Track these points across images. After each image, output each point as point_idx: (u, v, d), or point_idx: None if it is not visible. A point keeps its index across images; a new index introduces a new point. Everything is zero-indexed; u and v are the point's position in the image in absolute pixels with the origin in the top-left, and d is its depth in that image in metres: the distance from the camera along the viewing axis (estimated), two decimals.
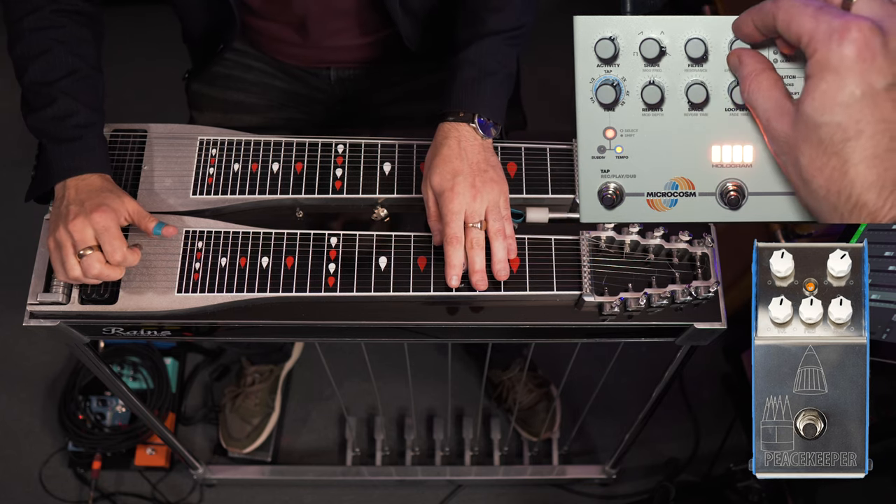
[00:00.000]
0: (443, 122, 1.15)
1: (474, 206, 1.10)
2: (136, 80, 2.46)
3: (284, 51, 1.42)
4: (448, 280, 1.12)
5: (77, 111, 1.15)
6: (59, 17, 1.19)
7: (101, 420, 2.05)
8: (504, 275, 1.13)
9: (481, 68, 1.17)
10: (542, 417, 2.02)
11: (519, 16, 1.20)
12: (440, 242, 1.13)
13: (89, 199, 1.10)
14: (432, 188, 1.12)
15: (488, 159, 1.14)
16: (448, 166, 1.11)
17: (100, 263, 1.08)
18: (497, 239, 1.11)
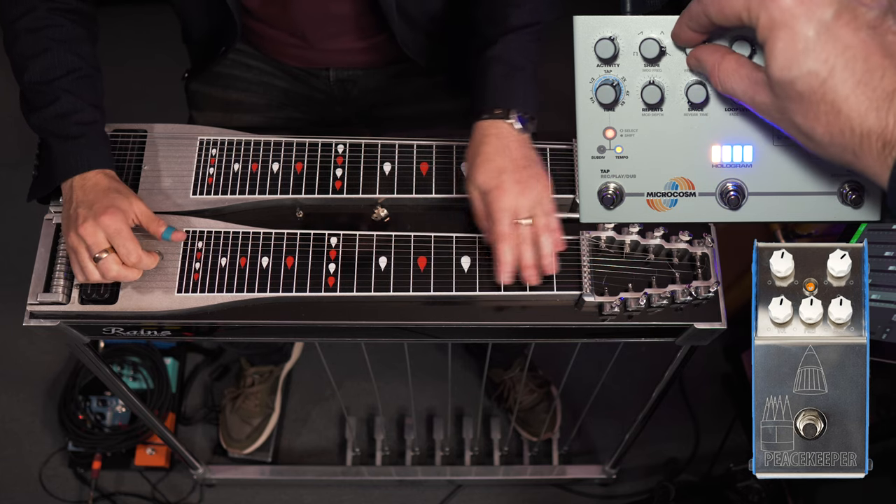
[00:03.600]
0: (479, 122, 1.15)
1: (521, 202, 1.10)
2: (136, 80, 2.46)
3: (284, 51, 1.42)
4: (499, 278, 1.12)
5: (79, 108, 1.16)
6: (55, 16, 1.19)
7: (101, 420, 2.05)
8: (552, 269, 1.13)
9: (510, 64, 1.17)
10: (543, 418, 2.02)
11: (540, 11, 1.20)
12: (491, 241, 1.13)
13: (97, 200, 1.10)
14: (478, 187, 1.12)
15: (529, 155, 1.14)
16: (492, 164, 1.11)
17: (117, 265, 1.09)
18: (544, 234, 1.11)
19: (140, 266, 1.11)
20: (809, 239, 1.78)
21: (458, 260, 1.16)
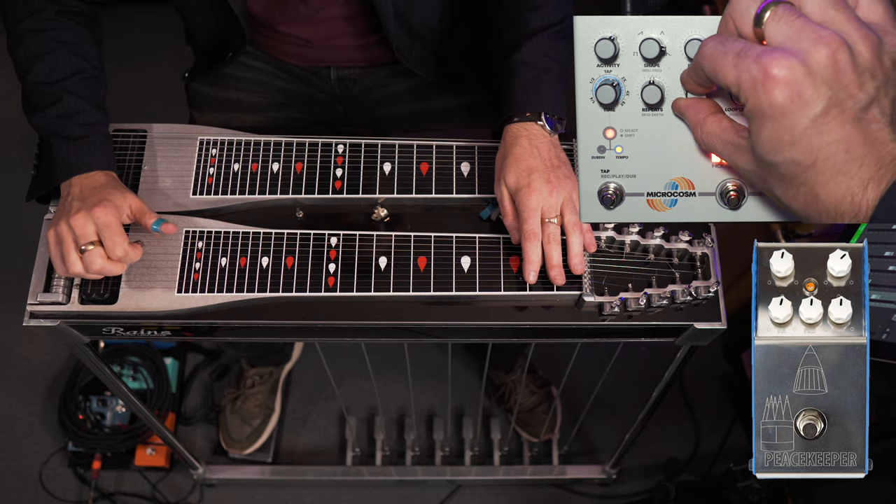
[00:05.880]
0: (509, 125, 1.17)
1: (550, 201, 1.11)
2: (137, 80, 2.46)
3: (285, 51, 1.42)
4: (526, 276, 1.12)
5: (83, 110, 1.16)
6: (62, 18, 1.19)
7: (101, 420, 2.05)
8: (581, 269, 1.13)
9: (537, 67, 1.18)
10: (543, 419, 2.02)
11: (559, 10, 1.21)
12: (518, 241, 1.13)
13: (92, 195, 1.10)
14: (507, 187, 1.13)
15: (559, 155, 1.15)
16: (522, 164, 1.12)
17: (101, 259, 1.08)
18: (574, 233, 1.12)
19: (125, 260, 1.10)
20: (809, 239, 1.78)
21: (458, 260, 1.16)
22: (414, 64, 1.36)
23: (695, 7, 2.25)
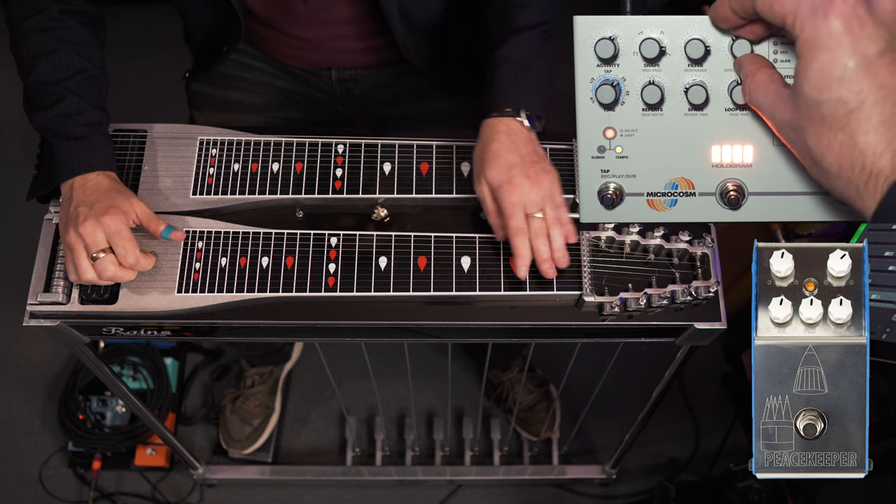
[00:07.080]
0: (487, 119, 1.17)
1: (532, 196, 1.11)
2: (137, 80, 2.46)
3: (286, 52, 1.42)
4: (517, 272, 1.12)
5: (84, 110, 1.16)
6: (66, 17, 1.19)
7: (101, 420, 2.05)
8: (565, 262, 1.13)
9: (519, 64, 1.19)
10: (542, 417, 2.02)
11: (547, 11, 1.21)
12: (503, 237, 1.14)
13: (98, 200, 1.10)
14: (488, 183, 1.13)
15: (537, 150, 1.15)
16: (502, 160, 1.12)
17: (113, 266, 1.09)
18: (554, 227, 1.12)
19: (137, 267, 1.11)
20: (809, 239, 1.78)
21: (458, 260, 1.16)
22: (419, 62, 1.36)
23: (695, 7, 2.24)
